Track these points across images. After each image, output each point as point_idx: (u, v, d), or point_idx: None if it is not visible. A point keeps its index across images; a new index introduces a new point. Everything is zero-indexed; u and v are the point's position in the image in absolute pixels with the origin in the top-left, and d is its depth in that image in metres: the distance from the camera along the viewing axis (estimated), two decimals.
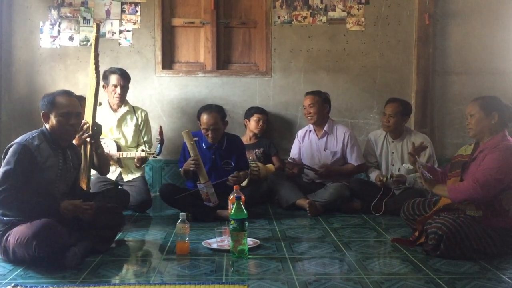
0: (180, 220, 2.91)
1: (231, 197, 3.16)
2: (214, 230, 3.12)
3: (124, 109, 4.20)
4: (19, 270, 2.60)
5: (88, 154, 3.37)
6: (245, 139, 4.55)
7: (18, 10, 4.73)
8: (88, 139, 3.34)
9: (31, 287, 2.35)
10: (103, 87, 4.18)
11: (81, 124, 3.18)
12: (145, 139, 4.21)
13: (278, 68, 4.91)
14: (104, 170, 3.50)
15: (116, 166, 4.07)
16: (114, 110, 4.20)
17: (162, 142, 3.94)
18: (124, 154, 4.01)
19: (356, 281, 2.45)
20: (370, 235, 3.37)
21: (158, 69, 4.86)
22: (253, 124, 4.69)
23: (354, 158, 4.25)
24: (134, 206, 3.98)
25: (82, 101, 3.33)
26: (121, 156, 4.00)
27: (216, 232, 3.06)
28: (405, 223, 3.44)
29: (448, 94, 4.96)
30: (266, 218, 3.86)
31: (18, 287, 2.35)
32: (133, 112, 4.21)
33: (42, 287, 2.35)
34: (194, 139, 3.77)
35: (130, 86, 4.29)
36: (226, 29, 4.98)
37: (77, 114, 2.92)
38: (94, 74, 3.46)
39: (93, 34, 3.57)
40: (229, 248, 2.85)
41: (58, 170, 2.86)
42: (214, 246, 2.99)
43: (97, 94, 3.46)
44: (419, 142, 3.67)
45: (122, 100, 4.18)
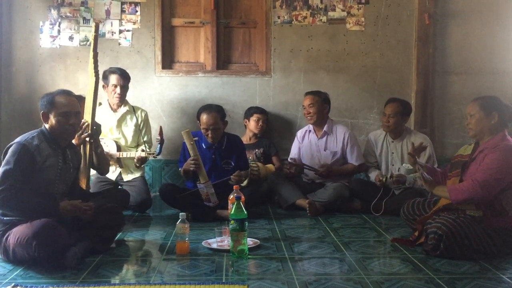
0: (180, 220, 2.91)
1: (231, 197, 3.16)
2: (214, 230, 3.12)
3: (124, 109, 4.20)
4: (19, 270, 2.60)
5: (87, 153, 3.37)
6: (245, 139, 4.55)
7: (18, 10, 4.73)
8: (87, 139, 3.34)
9: (31, 287, 2.35)
10: (103, 87, 4.18)
11: (80, 123, 3.18)
12: (145, 139, 4.21)
13: (278, 68, 4.91)
14: (103, 170, 3.50)
15: (116, 166, 4.07)
16: (114, 110, 4.20)
17: (162, 142, 3.95)
18: (124, 154, 4.01)
19: (356, 281, 2.45)
20: (370, 235, 3.37)
21: (158, 69, 4.85)
22: (252, 124, 4.68)
23: (354, 158, 4.25)
24: (134, 206, 3.98)
25: (81, 100, 3.33)
26: (121, 156, 4.01)
27: (216, 232, 3.06)
28: (405, 223, 3.44)
29: (448, 94, 4.96)
30: (266, 218, 3.86)
31: (18, 287, 2.35)
32: (133, 112, 4.21)
33: (42, 287, 2.35)
34: (194, 139, 3.77)
35: (130, 86, 4.29)
36: (226, 29, 4.98)
37: (76, 114, 2.92)
38: (93, 73, 3.46)
39: (92, 34, 3.57)
40: (229, 248, 2.84)
41: (58, 170, 2.86)
42: (214, 246, 2.99)
43: (96, 94, 3.46)
44: (419, 142, 3.67)
45: (122, 100, 4.18)
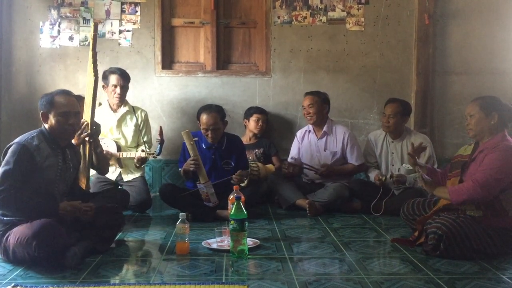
0: (180, 220, 2.91)
1: (231, 197, 3.16)
2: (214, 230, 3.12)
3: (124, 109, 4.20)
4: (19, 270, 2.60)
5: (87, 153, 3.36)
6: (245, 139, 4.55)
7: (18, 10, 4.73)
8: (87, 138, 3.33)
9: (31, 287, 2.35)
10: (103, 87, 4.19)
11: (80, 123, 3.18)
12: (145, 139, 4.21)
13: (278, 68, 4.91)
14: (103, 170, 3.50)
15: (116, 166, 4.07)
16: (114, 110, 4.20)
17: (162, 142, 3.95)
18: (124, 154, 4.01)
19: (356, 281, 2.45)
20: (370, 235, 3.37)
21: (158, 69, 4.86)
22: (252, 124, 4.68)
23: (354, 158, 4.25)
24: (134, 206, 3.98)
25: (80, 100, 3.33)
26: (121, 156, 4.01)
27: (216, 232, 3.06)
28: (405, 223, 3.44)
29: (448, 94, 4.96)
30: (266, 218, 3.86)
31: (18, 287, 2.35)
32: (133, 112, 4.21)
33: (42, 287, 2.35)
34: (194, 139, 3.77)
35: (130, 86, 4.29)
36: (226, 29, 4.98)
37: (76, 114, 2.92)
38: (92, 72, 3.45)
39: (91, 33, 3.57)
40: (229, 248, 2.84)
41: (58, 170, 2.86)
42: (214, 246, 2.99)
43: (95, 93, 3.45)
44: (418, 142, 3.67)
45: (122, 100, 4.18)
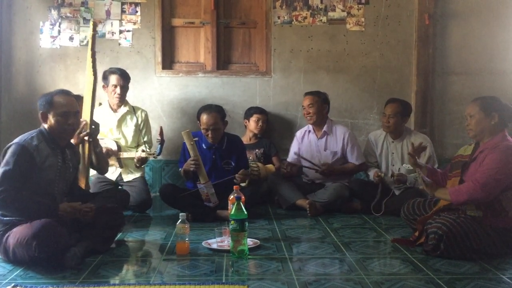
0: (180, 220, 2.91)
1: (231, 197, 3.16)
2: (214, 230, 3.13)
3: (124, 109, 4.20)
4: (19, 270, 2.60)
5: (86, 153, 3.35)
6: (245, 139, 4.55)
7: (18, 10, 4.73)
8: (86, 138, 3.32)
9: (31, 287, 2.35)
10: (103, 88, 4.19)
11: (79, 123, 3.17)
12: (145, 139, 4.21)
13: (278, 68, 4.91)
14: (103, 169, 3.49)
15: (116, 166, 4.07)
16: (114, 110, 4.20)
17: (162, 142, 3.95)
18: (124, 155, 4.01)
19: (356, 281, 2.45)
20: (370, 236, 3.37)
21: (158, 69, 4.85)
22: (252, 124, 4.68)
23: (355, 158, 4.24)
24: (134, 206, 3.98)
25: (79, 100, 3.32)
26: (121, 156, 4.00)
27: (216, 232, 3.06)
28: (405, 223, 3.44)
29: (448, 94, 4.96)
30: (266, 218, 3.85)
31: (18, 287, 2.35)
32: (133, 112, 4.21)
33: (42, 287, 2.35)
34: (194, 139, 3.77)
35: (130, 86, 4.29)
36: (226, 29, 4.98)
37: (75, 114, 2.92)
38: (91, 72, 3.45)
39: (90, 33, 3.57)
40: (229, 248, 2.84)
41: (57, 170, 2.86)
42: (214, 246, 2.99)
43: (94, 92, 3.44)
44: (419, 142, 3.67)
45: (122, 100, 4.18)
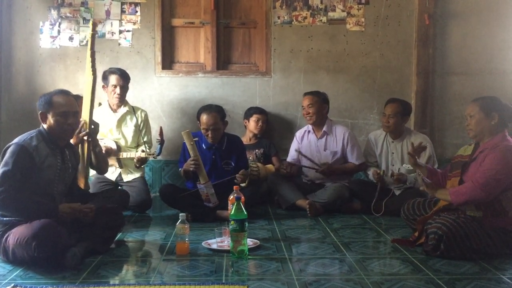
0: (180, 220, 2.90)
1: (231, 197, 3.16)
2: (214, 230, 3.13)
3: (124, 109, 4.20)
4: (19, 271, 2.59)
5: (85, 152, 3.35)
6: (245, 140, 4.55)
7: (18, 10, 4.73)
8: (85, 138, 3.32)
9: (31, 287, 2.36)
10: (103, 88, 4.19)
11: (78, 123, 3.17)
12: (145, 140, 4.21)
13: (278, 68, 4.91)
14: (102, 169, 3.49)
15: (116, 167, 4.07)
16: (114, 111, 4.20)
17: (162, 142, 3.95)
18: (124, 155, 4.01)
19: (356, 281, 2.45)
20: (370, 236, 3.37)
21: (158, 69, 4.85)
22: (252, 124, 4.68)
23: (354, 158, 4.24)
24: (134, 206, 3.98)
25: (78, 100, 3.32)
26: (121, 156, 4.00)
27: (216, 232, 3.06)
28: (405, 223, 3.44)
29: (448, 95, 4.96)
30: (266, 218, 3.85)
31: (18, 287, 2.36)
32: (133, 112, 4.21)
33: (42, 287, 2.36)
34: (194, 140, 3.77)
35: (130, 86, 4.29)
36: (226, 29, 4.98)
37: (74, 113, 2.92)
38: (91, 71, 3.44)
39: (89, 32, 3.57)
40: (229, 248, 2.84)
41: (57, 170, 2.86)
42: (214, 246, 2.99)
43: (93, 92, 3.44)
44: (418, 142, 3.66)
45: (122, 100, 4.18)
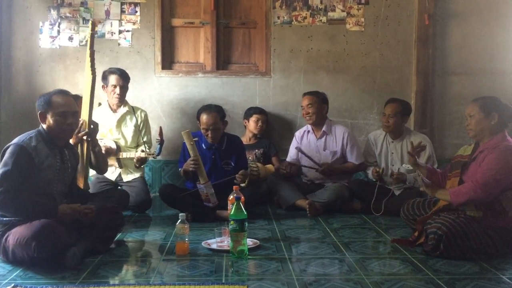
0: (179, 220, 2.90)
1: (231, 197, 3.16)
2: (213, 230, 3.13)
3: (123, 109, 4.20)
4: (19, 271, 2.59)
5: (85, 152, 3.34)
6: (244, 140, 4.55)
7: (18, 10, 4.73)
8: (84, 137, 3.32)
9: (31, 287, 2.35)
10: (103, 88, 4.19)
11: (78, 123, 3.16)
12: (144, 140, 4.21)
13: (277, 68, 4.91)
14: (102, 169, 3.49)
15: (115, 167, 4.07)
16: (114, 111, 4.20)
17: (161, 142, 3.95)
18: (123, 155, 4.01)
19: (356, 281, 2.45)
20: (370, 236, 3.37)
21: (157, 69, 4.85)
22: (252, 124, 4.68)
23: (354, 157, 4.24)
24: (133, 206, 3.98)
25: (78, 100, 3.31)
26: (120, 156, 4.00)
27: (215, 232, 3.07)
28: (405, 223, 3.44)
29: (448, 95, 4.96)
30: (265, 218, 3.85)
31: (18, 287, 2.36)
32: (132, 112, 4.21)
33: (42, 287, 2.36)
34: (194, 140, 3.77)
35: (130, 86, 4.29)
36: (226, 29, 4.98)
37: (74, 113, 2.92)
38: (90, 71, 3.44)
39: (88, 32, 3.56)
40: (228, 248, 2.84)
41: (56, 170, 2.85)
42: (214, 246, 2.99)
43: (93, 92, 3.43)
44: (418, 141, 3.66)
45: (122, 100, 4.18)
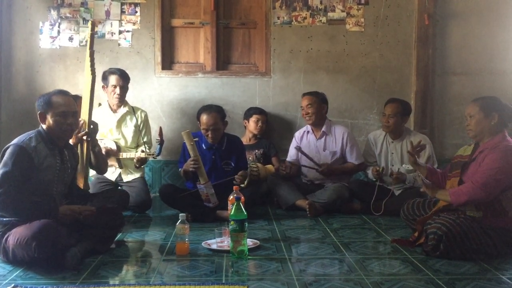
0: (179, 220, 2.90)
1: (231, 197, 3.16)
2: (214, 230, 3.13)
3: (123, 109, 4.20)
4: (19, 271, 2.59)
5: (85, 152, 3.34)
6: (244, 140, 4.55)
7: (18, 10, 4.73)
8: (84, 137, 3.32)
9: None
10: (103, 88, 4.19)
11: (78, 123, 3.16)
12: (144, 140, 4.21)
13: (277, 68, 4.91)
14: (102, 169, 3.49)
15: (115, 167, 4.07)
16: (114, 111, 4.20)
17: (161, 142, 3.95)
18: (123, 155, 4.01)
19: (356, 281, 2.45)
20: (370, 236, 3.37)
21: (157, 69, 4.85)
22: (252, 125, 4.68)
23: (354, 158, 4.24)
24: (133, 206, 3.98)
25: (77, 100, 3.32)
26: (120, 156, 4.00)
27: (216, 232, 3.07)
28: (405, 224, 3.44)
29: (447, 95, 4.96)
30: (265, 218, 3.85)
31: None
32: (132, 112, 4.21)
33: None
34: (194, 140, 3.77)
35: (130, 86, 4.29)
36: (226, 29, 4.98)
37: (73, 113, 2.92)
38: (90, 71, 3.44)
39: (88, 32, 3.56)
40: (228, 248, 2.84)
41: (56, 171, 2.85)
42: (214, 246, 2.99)
43: (92, 92, 3.44)
44: (418, 140, 3.66)
45: (122, 100, 4.18)
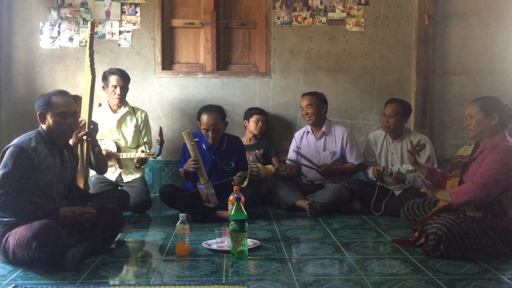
0: (180, 221, 2.91)
1: (231, 198, 3.16)
2: (214, 231, 3.13)
3: (124, 110, 4.20)
4: (19, 271, 2.60)
5: (84, 152, 3.34)
6: (245, 140, 4.55)
7: (18, 11, 4.73)
8: (84, 137, 3.32)
9: None
10: (103, 88, 4.19)
11: (77, 123, 3.16)
12: (145, 140, 4.21)
13: (277, 69, 4.91)
14: (102, 169, 3.49)
15: (116, 167, 4.07)
16: (114, 111, 4.20)
17: (162, 143, 3.95)
18: (124, 155, 4.01)
19: (356, 282, 2.45)
20: (370, 236, 3.37)
21: (158, 70, 4.86)
22: (252, 125, 4.68)
23: (354, 158, 4.24)
24: (134, 207, 3.98)
25: (77, 100, 3.32)
26: (121, 157, 4.01)
27: (216, 233, 3.07)
28: (405, 224, 3.44)
29: (447, 95, 4.96)
30: (266, 219, 3.85)
31: None
32: (133, 113, 4.21)
33: None
34: (195, 140, 3.77)
35: (130, 87, 4.29)
36: (226, 30, 4.98)
37: (73, 114, 2.92)
38: (89, 71, 3.44)
39: (88, 32, 3.56)
40: (229, 249, 2.84)
41: (56, 171, 2.85)
42: (214, 247, 2.99)
43: (92, 92, 3.43)
44: (417, 139, 3.66)
45: (122, 100, 4.18)
